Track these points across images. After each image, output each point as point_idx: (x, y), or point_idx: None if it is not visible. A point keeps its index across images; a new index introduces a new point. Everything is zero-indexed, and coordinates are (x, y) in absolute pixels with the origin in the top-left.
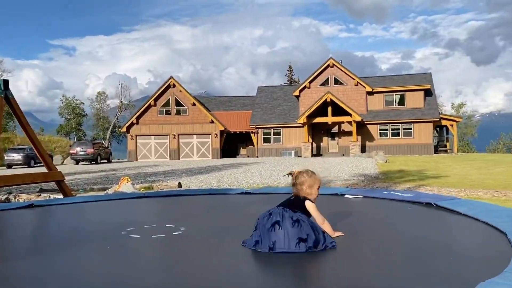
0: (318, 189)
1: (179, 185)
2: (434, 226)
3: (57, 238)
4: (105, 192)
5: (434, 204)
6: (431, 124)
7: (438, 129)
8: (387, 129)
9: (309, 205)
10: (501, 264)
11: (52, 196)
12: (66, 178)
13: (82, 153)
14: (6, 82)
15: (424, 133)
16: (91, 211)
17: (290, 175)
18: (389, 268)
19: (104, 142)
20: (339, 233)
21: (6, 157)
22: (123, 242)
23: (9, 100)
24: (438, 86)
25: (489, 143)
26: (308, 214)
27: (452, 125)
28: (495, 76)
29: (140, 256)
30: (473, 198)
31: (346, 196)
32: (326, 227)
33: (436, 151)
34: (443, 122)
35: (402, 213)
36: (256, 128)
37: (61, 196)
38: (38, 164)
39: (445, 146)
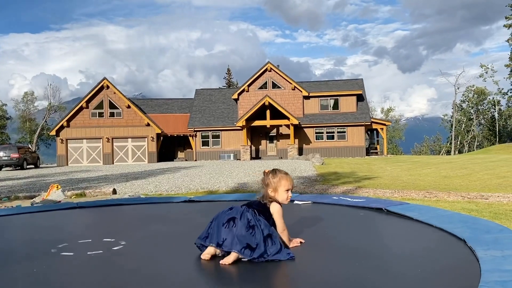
0: (288, 191)
1: (114, 191)
2: (390, 233)
3: None
4: (32, 200)
5: (385, 209)
6: (363, 128)
7: (369, 132)
8: (322, 132)
9: (274, 209)
10: (472, 274)
11: None
12: None
13: (6, 158)
14: None
15: (357, 136)
16: (13, 226)
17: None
18: (355, 281)
19: (31, 146)
20: (297, 243)
21: None
22: (53, 261)
23: None
24: (368, 92)
25: (414, 146)
26: (272, 219)
27: (382, 129)
28: (419, 83)
29: (75, 277)
30: (407, 199)
31: (296, 202)
32: (284, 236)
33: (368, 153)
34: (374, 126)
35: (355, 219)
36: (195, 131)
37: None
38: None
39: (376, 148)
